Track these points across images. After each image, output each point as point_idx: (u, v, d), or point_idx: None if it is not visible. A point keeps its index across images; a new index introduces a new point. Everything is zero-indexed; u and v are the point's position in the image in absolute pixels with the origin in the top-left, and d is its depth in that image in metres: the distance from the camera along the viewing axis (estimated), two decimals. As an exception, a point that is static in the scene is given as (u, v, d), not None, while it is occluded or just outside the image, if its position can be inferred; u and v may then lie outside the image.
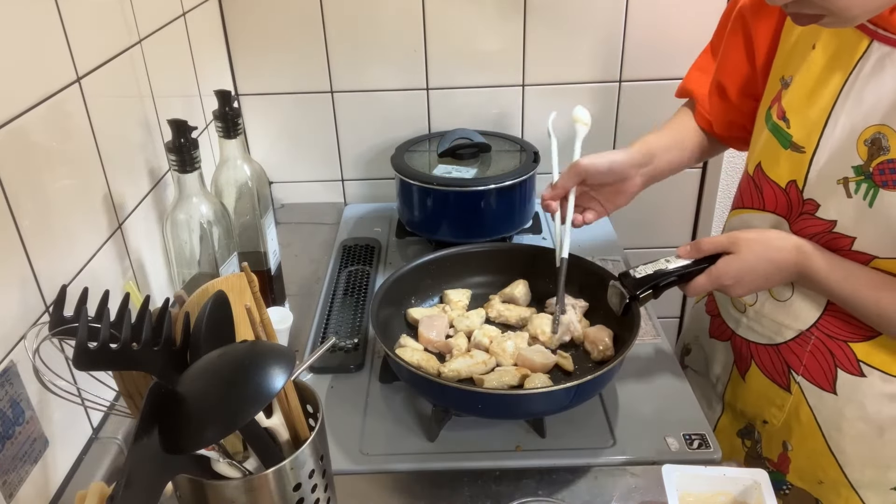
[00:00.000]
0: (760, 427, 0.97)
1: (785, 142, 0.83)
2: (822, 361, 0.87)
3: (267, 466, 0.63)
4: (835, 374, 0.86)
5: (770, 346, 0.92)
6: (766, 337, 0.93)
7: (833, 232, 0.81)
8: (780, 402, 0.92)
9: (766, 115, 0.88)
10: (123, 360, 0.59)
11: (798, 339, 0.89)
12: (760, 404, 0.96)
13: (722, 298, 1.02)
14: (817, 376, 0.87)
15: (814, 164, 0.81)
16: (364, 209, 1.54)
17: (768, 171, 0.87)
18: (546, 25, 1.40)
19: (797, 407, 0.90)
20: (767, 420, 0.95)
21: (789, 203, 0.85)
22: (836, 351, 0.85)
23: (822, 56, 0.80)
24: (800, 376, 0.89)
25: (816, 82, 0.80)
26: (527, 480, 0.84)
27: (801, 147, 0.81)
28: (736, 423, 1.02)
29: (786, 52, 0.86)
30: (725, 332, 1.00)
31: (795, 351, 0.89)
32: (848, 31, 0.76)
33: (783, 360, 0.91)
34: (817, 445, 0.89)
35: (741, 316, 0.96)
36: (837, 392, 0.86)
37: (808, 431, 0.90)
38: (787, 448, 0.93)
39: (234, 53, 1.43)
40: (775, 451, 0.95)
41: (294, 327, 1.07)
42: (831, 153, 0.79)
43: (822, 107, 0.79)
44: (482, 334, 0.99)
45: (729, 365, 1.01)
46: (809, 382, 0.88)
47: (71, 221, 0.82)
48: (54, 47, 0.80)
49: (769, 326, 0.92)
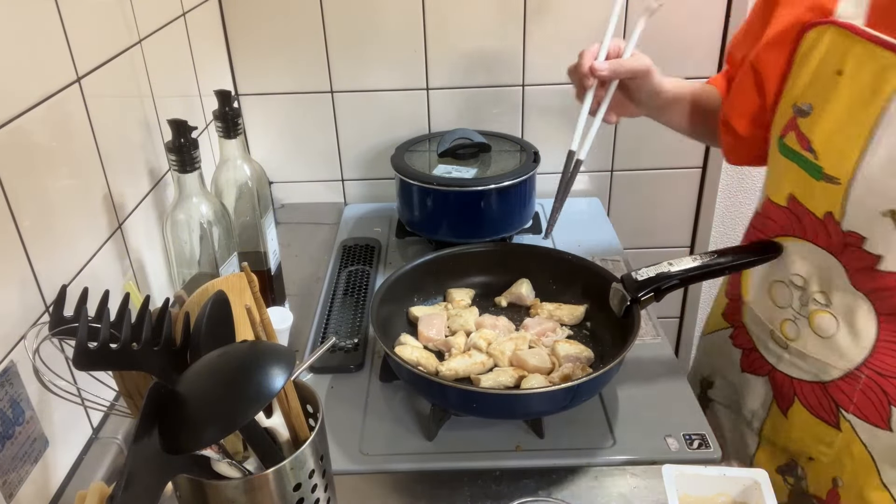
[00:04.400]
0: (805, 463, 0.91)
1: (816, 174, 0.78)
2: (874, 400, 0.81)
3: (267, 466, 0.63)
4: (889, 413, 0.81)
5: (815, 382, 0.86)
6: (812, 374, 0.86)
7: (877, 269, 0.76)
8: (828, 440, 0.87)
9: (780, 144, 0.83)
10: (123, 360, 0.59)
11: (847, 377, 0.83)
12: (805, 441, 0.90)
13: (759, 332, 0.94)
14: (870, 415, 0.82)
15: (851, 196, 0.75)
16: (364, 209, 1.54)
17: (804, 202, 0.82)
18: (546, 25, 1.40)
19: (849, 443, 0.85)
20: (814, 457, 0.89)
21: (828, 234, 0.80)
22: (890, 389, 0.80)
23: (852, 82, 0.74)
24: (850, 414, 0.83)
25: (848, 111, 0.74)
26: (527, 480, 0.84)
27: (836, 179, 0.76)
28: (775, 460, 0.96)
29: (803, 78, 0.80)
30: (763, 366, 0.94)
31: (844, 389, 0.83)
32: (879, 53, 0.71)
33: (830, 397, 0.85)
34: (870, 480, 0.84)
35: (783, 352, 0.90)
36: (893, 429, 0.81)
37: (861, 467, 0.84)
38: (838, 485, 0.87)
39: (234, 53, 1.43)
40: (824, 487, 0.89)
41: (294, 327, 1.07)
42: (871, 184, 0.73)
43: (857, 136, 0.73)
44: (479, 336, 0.99)
45: (768, 401, 0.95)
46: (861, 420, 0.83)
47: (71, 221, 0.82)
48: (54, 47, 0.80)
49: (814, 364, 0.86)
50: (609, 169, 1.55)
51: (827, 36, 0.77)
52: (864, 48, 0.73)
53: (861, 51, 0.73)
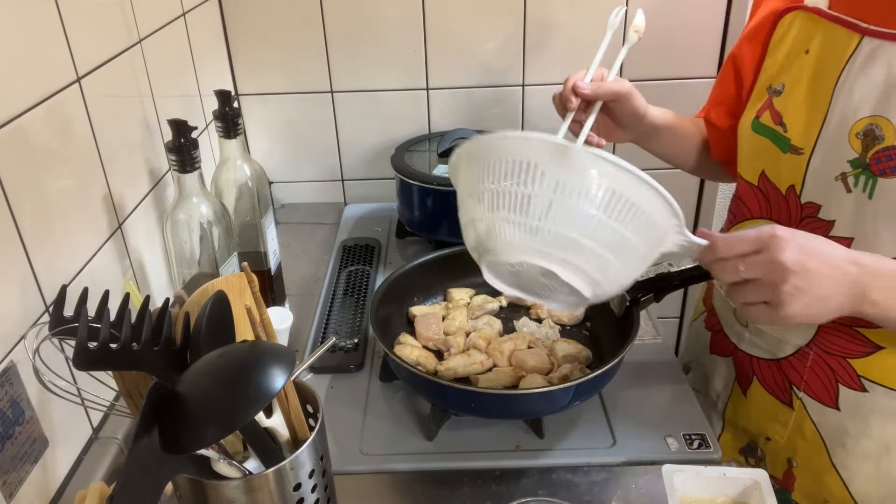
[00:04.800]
0: (764, 444, 0.95)
1: (784, 146, 0.83)
2: (822, 377, 0.85)
3: (267, 466, 0.63)
4: (836, 390, 0.84)
5: (772, 360, 0.91)
6: (768, 352, 0.91)
7: (830, 236, 0.79)
8: (782, 419, 0.91)
9: (754, 123, 0.87)
10: (123, 360, 0.59)
11: (798, 354, 0.87)
12: (763, 421, 0.94)
13: (725, 313, 0.99)
14: (819, 392, 0.86)
15: (811, 165, 0.80)
16: (364, 209, 1.54)
17: (772, 177, 0.86)
18: (546, 25, 1.40)
19: (801, 423, 0.88)
20: (770, 437, 0.93)
21: (788, 209, 0.84)
22: (836, 366, 0.83)
23: (816, 58, 0.80)
24: (801, 392, 0.87)
25: (811, 83, 0.80)
26: (527, 480, 0.84)
27: (800, 149, 0.81)
28: (738, 441, 1.00)
29: (776, 62, 0.86)
30: (728, 347, 0.98)
31: (796, 366, 0.87)
32: (839, 31, 0.77)
33: (784, 375, 0.89)
34: (822, 463, 0.87)
35: (744, 330, 0.94)
36: (840, 408, 0.84)
37: (813, 448, 0.88)
38: (793, 465, 0.91)
39: (234, 53, 1.43)
40: (780, 468, 0.93)
41: (294, 327, 1.07)
42: (826, 151, 0.79)
43: (818, 107, 0.79)
44: (478, 336, 0.99)
45: (730, 381, 0.99)
46: (812, 398, 0.86)
47: (71, 221, 0.82)
48: (54, 47, 0.80)
49: (770, 341, 0.90)
50: (609, 169, 1.55)
51: (797, 20, 0.83)
52: (827, 28, 0.79)
53: (825, 30, 0.79)
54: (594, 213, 0.63)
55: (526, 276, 0.70)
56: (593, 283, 0.67)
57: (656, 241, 0.68)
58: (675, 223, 0.68)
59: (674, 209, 0.67)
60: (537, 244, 0.65)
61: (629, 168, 0.63)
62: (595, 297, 0.69)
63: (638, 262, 0.69)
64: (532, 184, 0.64)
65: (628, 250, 0.66)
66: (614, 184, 0.63)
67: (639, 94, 0.93)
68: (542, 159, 0.64)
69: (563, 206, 0.63)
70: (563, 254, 0.65)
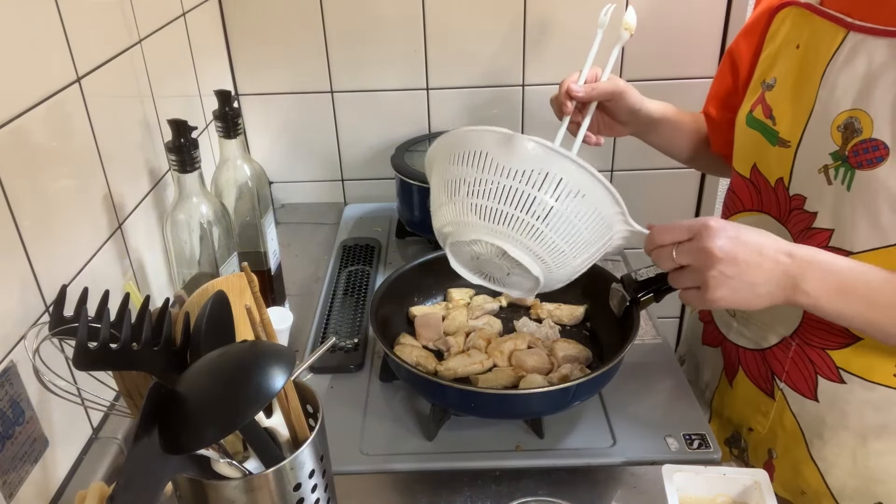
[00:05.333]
0: (746, 435, 0.97)
1: (773, 139, 0.84)
2: (802, 368, 0.86)
3: (267, 466, 0.63)
4: (815, 381, 0.85)
5: (756, 351, 0.92)
6: (754, 342, 0.92)
7: (812, 228, 0.81)
8: (764, 409, 0.92)
9: (748, 117, 0.88)
10: (123, 360, 0.59)
11: (780, 344, 0.88)
12: (746, 411, 0.95)
13: None
14: (799, 383, 0.87)
15: (797, 158, 0.81)
16: (364, 209, 1.54)
17: (763, 170, 0.87)
18: (546, 25, 1.40)
19: (781, 414, 0.90)
20: (753, 427, 0.95)
21: (778, 202, 0.85)
22: (816, 358, 0.85)
23: (806, 53, 0.81)
24: (783, 383, 0.89)
25: (799, 77, 0.82)
26: (527, 480, 0.84)
27: (788, 142, 0.82)
28: (723, 431, 1.02)
29: (770, 56, 0.87)
30: (717, 337, 1.00)
31: (778, 357, 0.89)
32: (827, 26, 0.78)
33: (768, 366, 0.90)
34: (800, 454, 0.89)
35: (731, 320, 0.96)
36: (819, 399, 0.85)
37: (792, 439, 0.89)
38: (773, 455, 0.93)
39: (234, 53, 1.43)
40: (761, 459, 0.95)
41: (294, 327, 1.07)
42: (810, 144, 0.80)
43: (805, 101, 0.80)
44: (478, 336, 0.99)
45: (718, 371, 1.01)
46: (792, 389, 0.88)
47: (71, 221, 0.82)
48: (54, 47, 0.80)
49: (755, 331, 0.91)
50: (609, 169, 1.55)
51: (790, 16, 0.84)
52: (817, 23, 0.80)
53: (815, 26, 0.80)
54: (533, 192, 0.70)
55: (485, 261, 0.78)
56: (540, 262, 0.74)
57: (603, 228, 0.74)
58: (617, 210, 0.74)
59: (614, 196, 0.73)
60: (490, 223, 0.73)
61: (567, 154, 0.70)
62: (546, 279, 0.76)
63: (585, 245, 0.74)
64: (484, 170, 0.72)
65: (572, 231, 0.73)
66: (553, 168, 0.70)
67: (634, 90, 0.94)
68: (492, 148, 0.72)
69: (507, 188, 0.71)
70: (509, 231, 0.73)
